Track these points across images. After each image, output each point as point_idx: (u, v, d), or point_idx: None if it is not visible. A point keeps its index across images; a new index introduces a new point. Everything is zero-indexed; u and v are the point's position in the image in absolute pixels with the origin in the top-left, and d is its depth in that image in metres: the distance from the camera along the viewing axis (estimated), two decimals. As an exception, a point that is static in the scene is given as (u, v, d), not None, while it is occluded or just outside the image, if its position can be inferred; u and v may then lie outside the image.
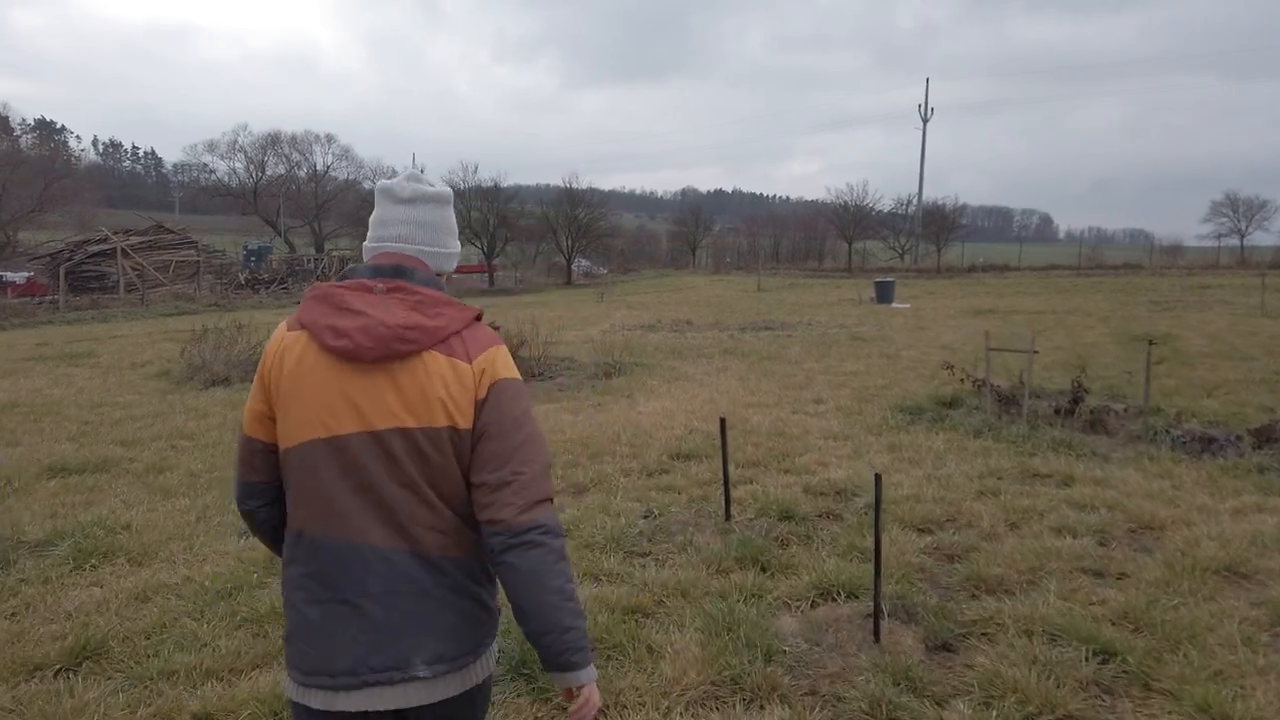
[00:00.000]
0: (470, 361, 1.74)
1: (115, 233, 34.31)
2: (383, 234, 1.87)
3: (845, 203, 54.84)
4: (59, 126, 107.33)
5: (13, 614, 4.29)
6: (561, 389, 11.43)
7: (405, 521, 1.71)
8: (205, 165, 67.65)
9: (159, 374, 13.62)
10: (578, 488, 6.51)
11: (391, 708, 1.73)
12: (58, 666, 3.71)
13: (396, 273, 1.80)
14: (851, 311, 24.22)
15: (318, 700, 1.73)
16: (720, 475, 6.50)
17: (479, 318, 1.83)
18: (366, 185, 58.18)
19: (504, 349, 1.80)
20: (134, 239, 34.16)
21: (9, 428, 9.40)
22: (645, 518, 5.67)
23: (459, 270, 51.44)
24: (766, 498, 5.93)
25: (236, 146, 64.84)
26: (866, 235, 55.36)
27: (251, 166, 65.37)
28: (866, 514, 5.62)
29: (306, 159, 66.65)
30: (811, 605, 4.27)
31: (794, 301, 29.25)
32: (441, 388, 1.71)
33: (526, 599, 1.68)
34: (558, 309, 29.03)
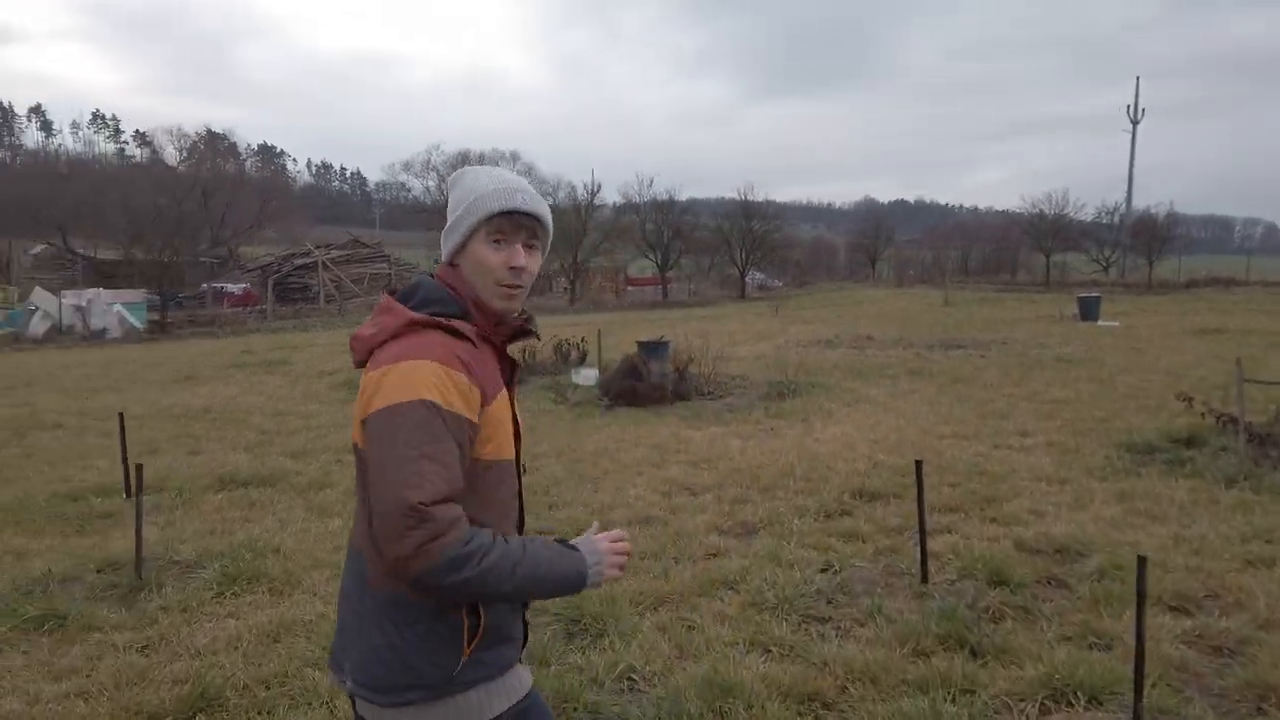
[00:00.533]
0: (367, 375, 1.63)
1: (317, 247, 36.67)
2: None
3: (1042, 212, 51.15)
4: (279, 151, 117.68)
5: (144, 647, 4.07)
6: (731, 410, 10.75)
7: (357, 532, 1.71)
8: (403, 184, 71.73)
9: (343, 383, 14.00)
10: (746, 528, 5.81)
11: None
12: (170, 718, 3.39)
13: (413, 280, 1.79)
14: (1052, 329, 22.17)
15: None
16: (913, 522, 5.63)
17: (424, 324, 1.64)
18: (549, 201, 59.50)
19: (409, 365, 1.57)
20: (334, 252, 36.38)
21: (196, 434, 9.74)
22: (824, 572, 4.90)
23: (634, 283, 51.85)
24: (971, 554, 5.02)
25: (429, 165, 68.25)
26: (1066, 247, 51.37)
27: (443, 184, 68.74)
28: (1100, 582, 4.61)
29: (492, 176, 69.21)
30: (1040, 710, 3.38)
31: (986, 317, 27.24)
32: (357, 401, 1.66)
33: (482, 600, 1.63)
34: (730, 323, 28.37)
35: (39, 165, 69.23)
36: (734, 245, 49.03)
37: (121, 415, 6.91)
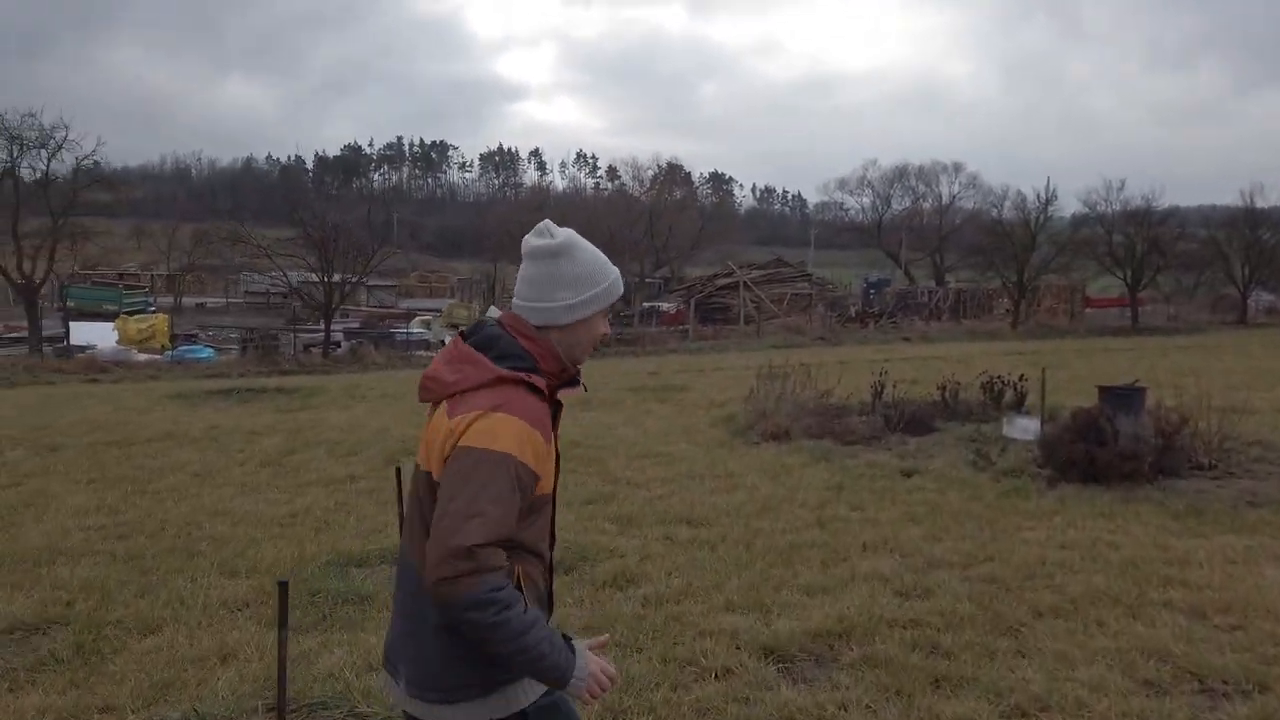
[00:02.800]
0: (452, 418, 1.83)
1: (740, 267, 36.46)
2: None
3: None
4: (727, 178, 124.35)
5: None
6: (1254, 502, 7.10)
7: (415, 549, 1.88)
8: (840, 203, 70.77)
9: (725, 418, 12.43)
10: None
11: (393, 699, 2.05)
12: None
13: (474, 328, 1.97)
14: None
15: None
16: None
17: (511, 381, 1.85)
18: (994, 214, 54.17)
19: (497, 417, 1.79)
20: (755, 273, 35.91)
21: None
22: None
23: (1093, 304, 44.75)
24: None
25: (865, 181, 66.39)
26: None
27: (878, 201, 66.29)
28: None
29: (931, 189, 65.35)
30: None
31: None
32: (435, 437, 1.87)
33: (485, 649, 1.78)
34: (1226, 358, 22.22)
35: (526, 200, 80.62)
36: (1232, 260, 39.97)
37: (399, 469, 5.74)
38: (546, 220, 2.00)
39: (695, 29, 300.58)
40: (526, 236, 1.98)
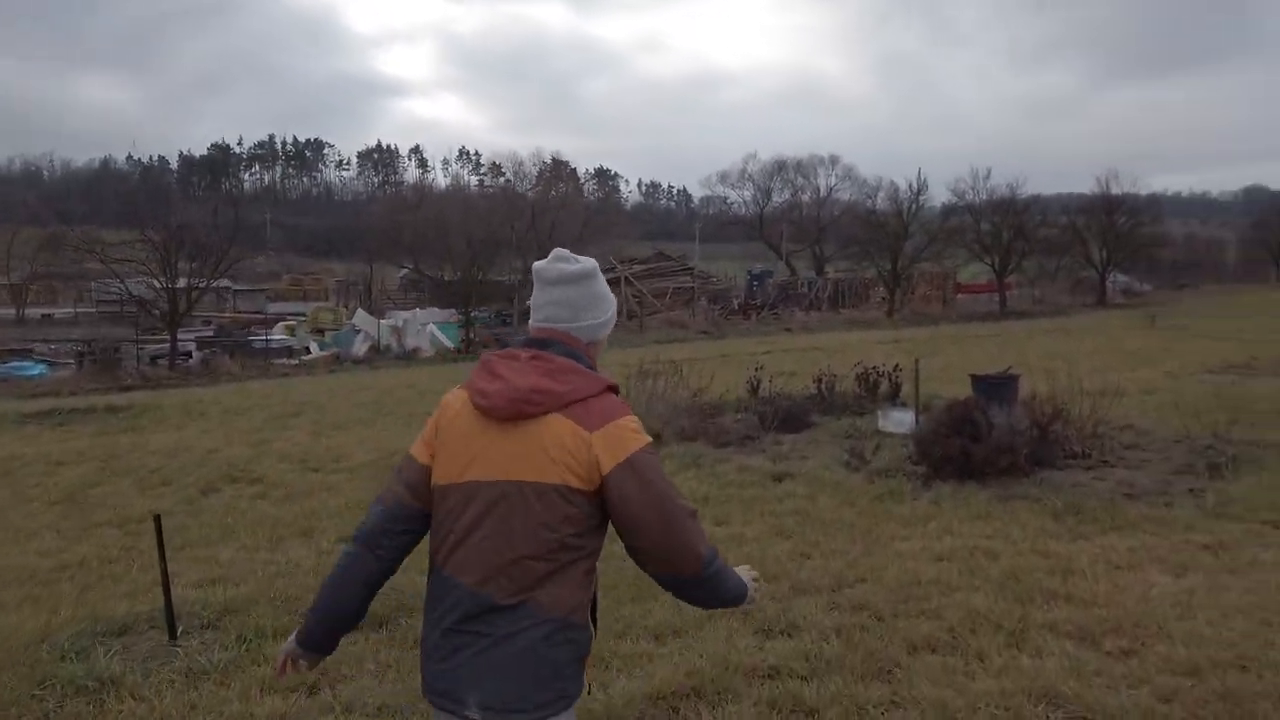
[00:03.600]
0: (591, 431, 1.86)
1: (621, 262, 35.84)
2: (537, 315, 2.04)
3: None
4: (613, 174, 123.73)
5: None
6: (1130, 494, 6.81)
7: (494, 566, 1.85)
8: (723, 197, 71.17)
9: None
10: None
11: None
12: None
13: (541, 344, 1.99)
14: None
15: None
16: None
17: (612, 389, 1.96)
18: (869, 204, 55.33)
19: (628, 420, 1.91)
20: (636, 267, 35.35)
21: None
22: None
23: (965, 290, 46.18)
24: None
25: (745, 175, 66.88)
26: None
27: (759, 194, 66.89)
28: None
29: (810, 182, 66.34)
30: None
31: None
32: (557, 448, 1.85)
33: (706, 605, 2.06)
34: (1090, 339, 22.93)
35: (406, 197, 77.74)
36: (1090, 244, 41.82)
37: (158, 518, 4.75)
38: (559, 248, 2.07)
39: (578, 26, 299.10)
40: (546, 264, 2.03)
